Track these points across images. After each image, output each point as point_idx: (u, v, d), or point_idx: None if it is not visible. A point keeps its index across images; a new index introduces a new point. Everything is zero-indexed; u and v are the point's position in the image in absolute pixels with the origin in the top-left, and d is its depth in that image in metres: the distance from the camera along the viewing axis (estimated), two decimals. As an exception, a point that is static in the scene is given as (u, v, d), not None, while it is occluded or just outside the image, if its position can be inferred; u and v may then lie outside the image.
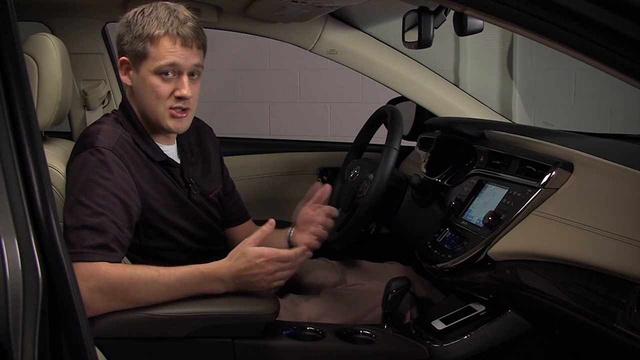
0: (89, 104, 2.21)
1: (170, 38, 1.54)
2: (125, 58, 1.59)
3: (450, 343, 1.51)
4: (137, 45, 1.56)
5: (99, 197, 1.46)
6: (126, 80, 1.62)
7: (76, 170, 1.50)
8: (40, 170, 0.96)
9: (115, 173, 1.50)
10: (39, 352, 0.92)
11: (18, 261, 0.91)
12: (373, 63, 2.27)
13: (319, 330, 1.54)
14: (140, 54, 1.56)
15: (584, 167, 1.35)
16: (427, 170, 1.94)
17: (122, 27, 1.60)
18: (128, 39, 1.57)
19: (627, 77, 1.01)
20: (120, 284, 1.40)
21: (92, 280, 1.38)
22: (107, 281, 1.40)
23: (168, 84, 1.57)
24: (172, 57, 1.55)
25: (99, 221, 1.44)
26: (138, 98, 1.62)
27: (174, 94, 1.58)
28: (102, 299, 1.39)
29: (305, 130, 4.09)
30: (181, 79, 1.57)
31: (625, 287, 1.10)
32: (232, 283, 1.45)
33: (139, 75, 1.58)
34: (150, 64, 1.56)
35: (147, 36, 1.54)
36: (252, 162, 2.43)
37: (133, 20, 1.57)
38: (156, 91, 1.57)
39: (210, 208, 1.75)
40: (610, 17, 0.97)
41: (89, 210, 1.44)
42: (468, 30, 1.33)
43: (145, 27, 1.55)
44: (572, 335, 1.38)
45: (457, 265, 1.53)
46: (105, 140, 1.53)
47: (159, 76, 1.56)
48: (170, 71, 1.56)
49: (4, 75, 0.96)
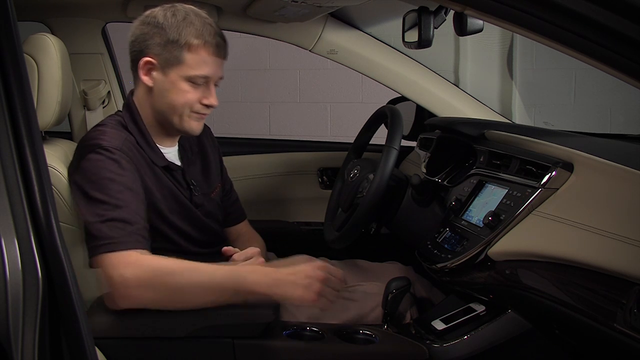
0: (89, 104, 2.21)
1: (207, 48, 1.55)
2: (152, 60, 1.57)
3: (450, 343, 1.51)
4: (172, 51, 1.54)
5: (116, 192, 1.46)
6: (147, 80, 1.59)
7: (87, 170, 1.49)
8: (40, 170, 0.96)
9: (127, 170, 1.50)
10: (39, 352, 0.92)
11: (18, 261, 0.91)
12: (373, 63, 2.27)
13: (319, 330, 1.54)
14: (175, 59, 1.55)
15: (584, 167, 1.35)
16: (427, 170, 1.94)
17: (148, 27, 1.57)
18: (159, 41, 1.55)
19: (627, 77, 1.01)
20: (159, 270, 1.38)
21: (128, 268, 1.36)
22: (144, 267, 1.37)
23: (197, 91, 1.58)
24: (207, 68, 1.56)
25: (122, 213, 1.43)
26: (159, 99, 1.60)
27: (202, 102, 1.59)
28: (139, 288, 1.36)
29: (305, 130, 4.09)
30: (210, 88, 1.59)
31: (625, 287, 1.10)
32: (284, 285, 1.40)
33: (167, 78, 1.57)
34: (183, 71, 1.55)
35: (184, 43, 1.53)
36: (252, 162, 2.43)
37: (166, 23, 1.55)
38: (185, 97, 1.57)
39: (212, 208, 1.75)
40: (610, 17, 0.97)
41: (109, 205, 1.44)
42: (468, 30, 1.33)
43: (182, 33, 1.54)
44: (572, 335, 1.38)
45: (457, 265, 1.53)
46: (112, 141, 1.53)
47: (189, 83, 1.56)
48: (201, 80, 1.57)
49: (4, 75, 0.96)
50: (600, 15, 0.97)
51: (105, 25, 2.24)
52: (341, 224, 1.83)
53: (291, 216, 2.45)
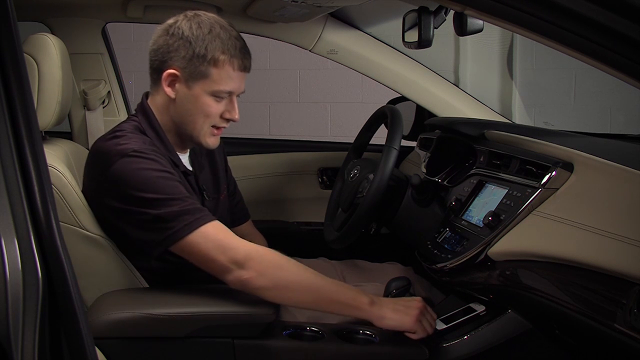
0: (89, 104, 2.21)
1: (232, 63, 1.53)
2: (176, 72, 1.54)
3: (450, 343, 1.51)
4: (198, 65, 1.52)
5: (168, 187, 1.45)
6: (169, 92, 1.56)
7: (124, 174, 1.44)
8: (40, 170, 0.96)
9: (166, 166, 1.50)
10: (39, 352, 0.92)
11: (18, 261, 0.91)
12: (373, 63, 2.27)
13: (319, 330, 1.54)
14: (200, 74, 1.52)
15: (584, 167, 1.35)
16: (427, 170, 1.94)
17: (172, 39, 1.53)
18: (184, 55, 1.52)
19: (627, 77, 1.01)
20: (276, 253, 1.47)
21: (210, 240, 1.43)
22: (228, 233, 1.46)
23: (219, 105, 1.56)
24: (232, 84, 1.55)
25: (183, 201, 1.44)
26: (180, 112, 1.57)
27: (224, 116, 1.58)
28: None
29: (305, 130, 4.09)
30: (232, 102, 1.58)
31: (625, 287, 1.10)
32: (384, 302, 1.49)
33: (191, 92, 1.54)
34: (208, 86, 1.53)
35: (211, 58, 1.51)
36: (252, 162, 2.43)
37: (192, 36, 1.52)
38: (207, 110, 1.56)
39: (221, 212, 1.75)
40: (610, 17, 0.97)
41: (165, 200, 1.43)
42: (468, 30, 1.33)
43: (209, 47, 1.51)
44: (572, 335, 1.38)
45: (457, 265, 1.53)
46: (139, 145, 1.50)
47: (213, 97, 1.55)
48: (225, 95, 1.56)
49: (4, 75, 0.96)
50: (600, 15, 0.97)
51: (105, 25, 2.24)
52: (341, 224, 1.83)
53: (291, 216, 2.45)
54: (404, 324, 1.47)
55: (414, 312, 1.48)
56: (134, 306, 1.44)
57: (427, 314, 1.51)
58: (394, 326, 1.48)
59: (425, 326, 1.48)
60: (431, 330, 1.49)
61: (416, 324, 1.47)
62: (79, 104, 2.21)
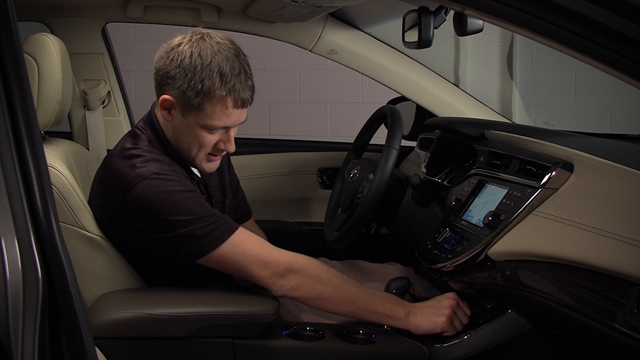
0: (89, 104, 2.21)
1: (229, 100, 1.47)
2: (171, 99, 1.50)
3: (450, 343, 1.51)
4: (192, 98, 1.46)
5: (195, 206, 1.46)
6: (165, 116, 1.53)
7: (146, 198, 1.43)
8: (40, 170, 0.96)
9: (187, 185, 1.50)
10: (39, 352, 0.92)
11: (18, 261, 0.91)
12: (373, 63, 2.27)
13: (319, 330, 1.54)
14: (194, 106, 1.47)
15: (584, 167, 1.35)
16: (427, 170, 1.94)
17: (172, 65, 1.48)
18: (181, 85, 1.46)
19: (627, 77, 1.01)
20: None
21: (246, 245, 1.47)
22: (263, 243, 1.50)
23: (213, 136, 1.53)
24: (227, 120, 1.50)
25: (210, 217, 1.46)
26: (176, 136, 1.55)
27: (218, 146, 1.55)
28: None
29: (305, 130, 4.09)
30: (228, 134, 1.54)
31: (625, 287, 1.10)
32: (418, 310, 1.55)
33: (185, 121, 1.51)
34: (201, 119, 1.49)
35: (206, 93, 1.45)
36: (252, 162, 2.43)
37: (190, 66, 1.45)
38: (200, 141, 1.52)
39: (227, 214, 1.73)
40: (610, 17, 0.97)
41: (193, 220, 1.44)
42: (468, 30, 1.33)
43: (205, 81, 1.45)
44: (572, 335, 1.38)
45: (457, 265, 1.53)
46: (157, 166, 1.48)
47: (207, 130, 1.51)
48: (220, 129, 1.52)
49: (4, 75, 0.96)
50: (600, 15, 0.97)
51: (105, 25, 2.24)
52: (341, 224, 1.83)
53: (291, 216, 2.45)
54: (437, 326, 1.53)
55: (446, 312, 1.53)
56: (134, 306, 1.44)
57: (459, 309, 1.55)
58: (429, 331, 1.54)
59: (456, 324, 1.54)
60: (461, 325, 1.55)
61: (448, 323, 1.53)
62: (79, 104, 2.22)
